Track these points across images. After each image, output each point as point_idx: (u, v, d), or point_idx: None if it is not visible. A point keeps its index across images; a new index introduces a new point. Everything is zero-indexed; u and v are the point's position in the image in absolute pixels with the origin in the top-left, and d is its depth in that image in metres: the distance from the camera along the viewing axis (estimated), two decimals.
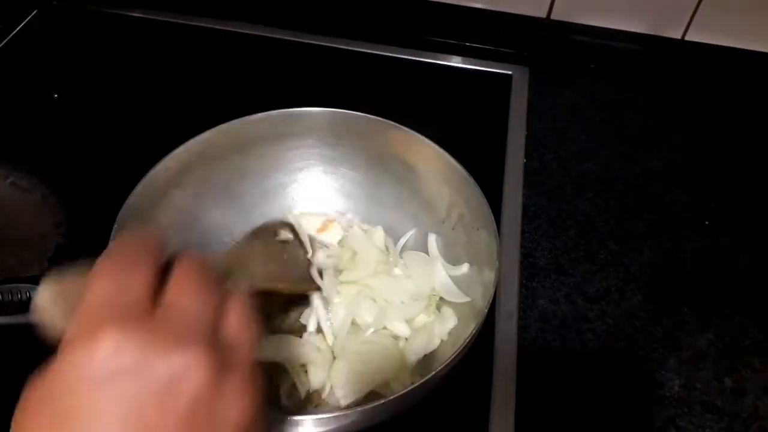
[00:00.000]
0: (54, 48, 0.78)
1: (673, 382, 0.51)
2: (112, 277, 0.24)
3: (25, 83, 0.73)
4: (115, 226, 0.46)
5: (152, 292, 0.24)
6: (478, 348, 0.44)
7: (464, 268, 0.51)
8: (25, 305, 0.43)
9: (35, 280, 0.45)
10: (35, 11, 0.81)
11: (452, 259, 0.53)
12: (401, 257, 0.54)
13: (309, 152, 0.58)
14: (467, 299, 0.49)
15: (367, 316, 0.50)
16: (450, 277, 0.51)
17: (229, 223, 0.56)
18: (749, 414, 0.49)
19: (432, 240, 0.54)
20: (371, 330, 0.49)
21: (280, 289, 0.45)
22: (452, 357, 0.40)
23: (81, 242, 0.57)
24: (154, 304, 0.24)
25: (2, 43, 0.76)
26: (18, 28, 0.78)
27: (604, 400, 0.50)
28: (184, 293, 0.25)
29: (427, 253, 0.54)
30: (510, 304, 0.54)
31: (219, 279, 0.27)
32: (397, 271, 0.53)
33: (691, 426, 0.48)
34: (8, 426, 0.46)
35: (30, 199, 0.60)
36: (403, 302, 0.50)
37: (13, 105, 0.70)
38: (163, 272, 0.26)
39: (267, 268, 0.42)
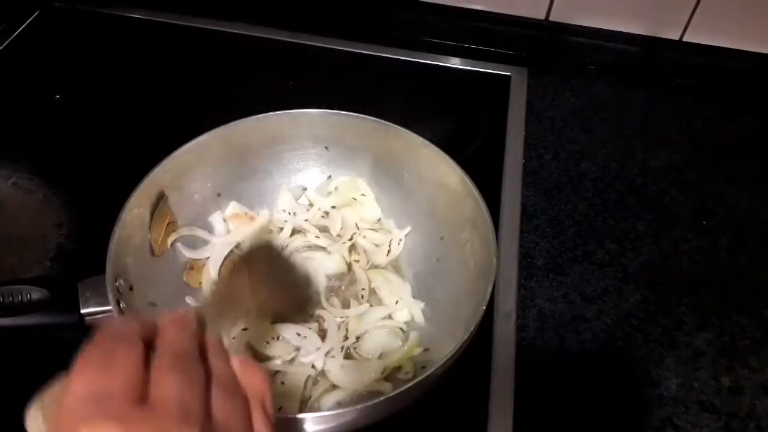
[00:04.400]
0: (56, 49, 0.78)
1: (670, 382, 0.51)
2: (94, 369, 0.22)
3: (28, 84, 0.74)
4: (116, 228, 0.46)
5: (136, 380, 0.22)
6: (477, 347, 0.44)
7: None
8: (25, 307, 0.44)
9: (35, 282, 0.45)
10: (37, 12, 0.81)
11: (452, 259, 0.53)
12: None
13: (307, 153, 0.58)
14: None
15: None
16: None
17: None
18: (746, 413, 0.49)
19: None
20: None
21: (280, 314, 0.44)
22: (450, 355, 0.40)
23: (82, 242, 0.57)
24: (140, 394, 0.22)
25: (5, 44, 0.76)
26: (20, 29, 0.79)
27: (602, 399, 0.50)
28: (168, 379, 0.23)
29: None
30: (508, 304, 0.54)
31: (206, 334, 0.26)
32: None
33: (689, 425, 0.49)
34: (9, 424, 0.46)
35: (32, 200, 0.61)
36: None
37: (16, 106, 0.71)
38: (149, 350, 0.24)
39: (260, 294, 0.38)
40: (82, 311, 0.44)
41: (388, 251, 0.55)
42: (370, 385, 0.47)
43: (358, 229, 0.56)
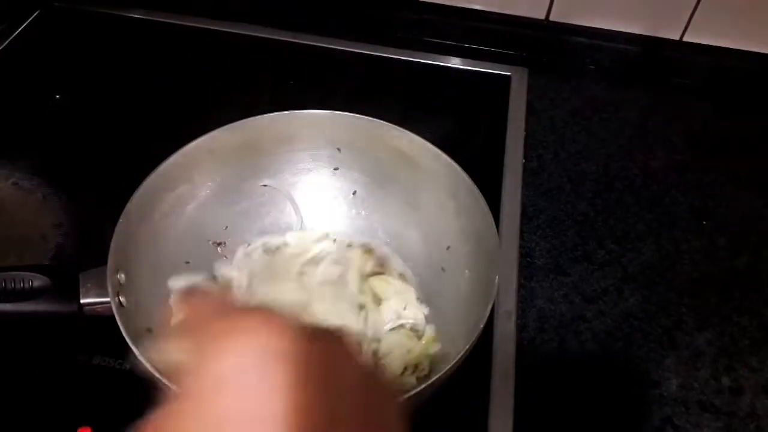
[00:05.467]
0: (56, 49, 0.78)
1: (670, 382, 0.51)
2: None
3: (27, 84, 0.74)
4: (121, 220, 0.46)
5: None
6: (477, 347, 0.44)
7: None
8: (26, 293, 0.44)
9: (37, 269, 0.45)
10: (37, 12, 0.81)
11: (453, 260, 0.53)
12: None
13: (319, 154, 0.58)
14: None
15: None
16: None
17: (235, 222, 0.57)
18: (747, 413, 0.49)
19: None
20: None
21: None
22: (456, 360, 0.40)
23: (81, 243, 0.57)
24: None
25: (4, 44, 0.76)
26: (20, 29, 0.79)
27: (602, 400, 0.50)
28: None
29: None
30: (509, 304, 0.54)
31: None
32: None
33: (689, 425, 0.49)
34: (8, 401, 0.46)
35: (31, 200, 0.61)
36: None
37: (16, 106, 0.71)
38: None
39: None
40: (82, 301, 0.44)
41: None
42: None
43: None
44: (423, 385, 0.39)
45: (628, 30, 0.76)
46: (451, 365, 0.40)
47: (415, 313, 0.52)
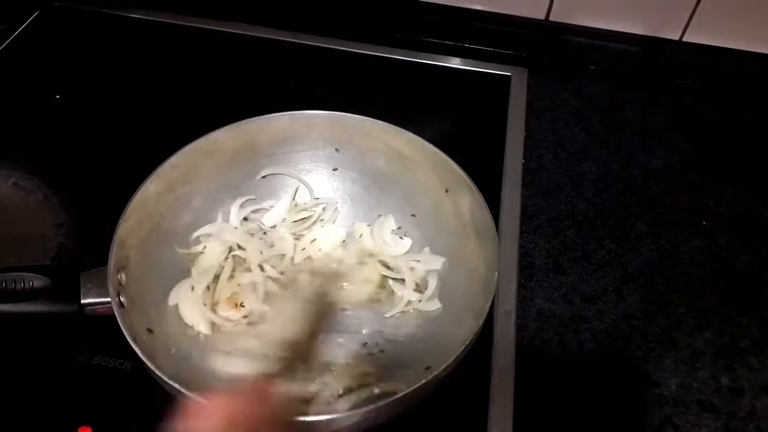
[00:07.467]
0: (56, 49, 0.78)
1: (670, 382, 0.51)
2: None
3: (28, 84, 0.74)
4: (121, 221, 0.46)
5: None
6: (477, 347, 0.44)
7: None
8: (27, 294, 0.44)
9: (38, 270, 0.45)
10: (37, 12, 0.81)
11: (452, 260, 0.53)
12: None
13: (317, 155, 0.58)
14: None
15: None
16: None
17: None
18: (746, 413, 0.49)
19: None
20: None
21: None
22: (454, 359, 0.41)
23: (82, 243, 0.57)
24: None
25: (4, 44, 0.77)
26: (20, 30, 0.79)
27: (602, 399, 0.50)
28: None
29: None
30: (508, 304, 0.54)
31: None
32: None
33: (688, 425, 0.49)
34: (8, 401, 0.46)
35: (32, 200, 0.61)
36: None
37: (16, 106, 0.71)
38: None
39: None
40: (83, 301, 0.44)
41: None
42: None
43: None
44: (423, 381, 0.39)
45: (628, 30, 0.76)
46: (450, 361, 0.40)
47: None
